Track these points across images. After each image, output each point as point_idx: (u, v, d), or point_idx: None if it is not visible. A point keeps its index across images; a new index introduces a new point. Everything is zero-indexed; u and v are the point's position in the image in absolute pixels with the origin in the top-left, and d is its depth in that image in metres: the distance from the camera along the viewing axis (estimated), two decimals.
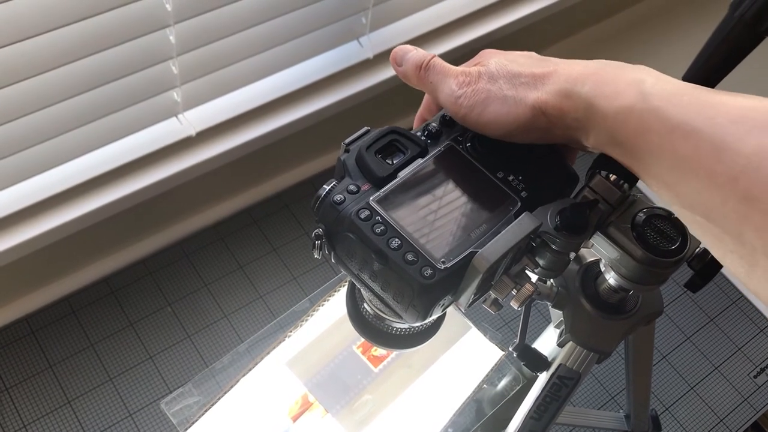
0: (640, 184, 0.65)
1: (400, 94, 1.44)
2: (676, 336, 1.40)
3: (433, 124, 0.66)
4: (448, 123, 0.66)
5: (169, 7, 1.01)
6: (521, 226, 0.57)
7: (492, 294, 0.60)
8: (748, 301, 1.45)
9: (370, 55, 1.33)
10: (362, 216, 0.59)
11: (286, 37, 1.20)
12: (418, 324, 0.65)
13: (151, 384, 1.23)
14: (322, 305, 0.90)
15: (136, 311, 1.30)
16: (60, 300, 1.29)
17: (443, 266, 0.58)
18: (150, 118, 1.15)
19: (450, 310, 0.84)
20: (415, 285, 0.57)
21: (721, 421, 1.31)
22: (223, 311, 1.32)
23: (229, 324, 1.31)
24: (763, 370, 1.37)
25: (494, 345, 0.89)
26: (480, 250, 0.56)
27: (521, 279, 0.60)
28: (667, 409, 1.32)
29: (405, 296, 0.58)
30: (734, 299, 1.45)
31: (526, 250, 0.60)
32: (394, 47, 0.62)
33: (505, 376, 0.92)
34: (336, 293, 0.91)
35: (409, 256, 0.58)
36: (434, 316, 0.61)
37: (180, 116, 1.19)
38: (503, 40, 1.52)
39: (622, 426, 1.18)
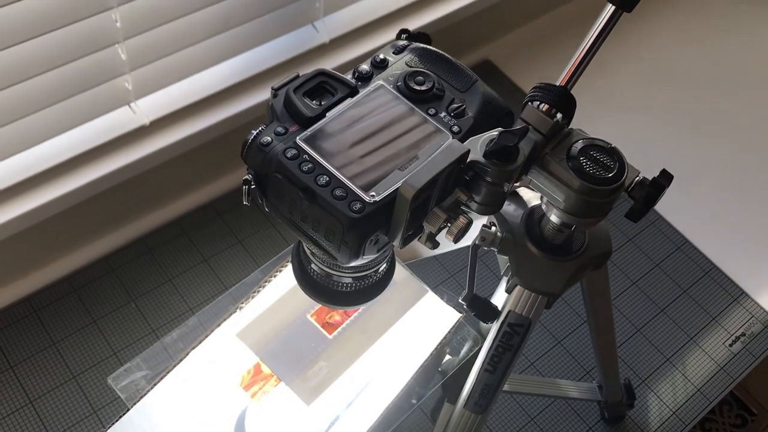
0: (576, 120, 0.64)
1: None
2: (649, 309, 1.38)
3: (364, 66, 0.65)
4: (379, 65, 0.66)
5: None
6: (448, 152, 0.56)
7: (426, 228, 0.58)
8: (721, 271, 1.44)
9: (326, 39, 1.32)
10: (289, 155, 0.58)
11: (237, 20, 1.19)
12: (355, 264, 0.63)
13: None
14: (275, 276, 0.88)
15: (99, 308, 1.27)
16: (20, 300, 1.26)
17: (373, 200, 0.56)
18: (100, 107, 1.14)
19: (405, 275, 0.82)
20: (345, 220, 0.56)
21: (699, 390, 1.30)
22: (188, 305, 1.30)
23: (198, 321, 1.28)
24: (738, 338, 1.36)
25: (451, 308, 0.88)
26: (406, 178, 0.55)
27: (455, 212, 0.58)
28: (643, 381, 1.30)
29: (336, 233, 0.57)
30: (707, 270, 1.44)
31: (458, 181, 0.59)
32: (351, 31, 0.62)
33: (467, 342, 0.91)
34: (288, 264, 0.89)
35: (338, 192, 0.56)
36: (369, 256, 0.60)
37: (132, 105, 1.18)
38: (469, 20, 1.51)
39: (595, 396, 1.17)
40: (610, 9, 0.59)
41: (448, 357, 0.93)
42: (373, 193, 0.56)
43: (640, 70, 1.76)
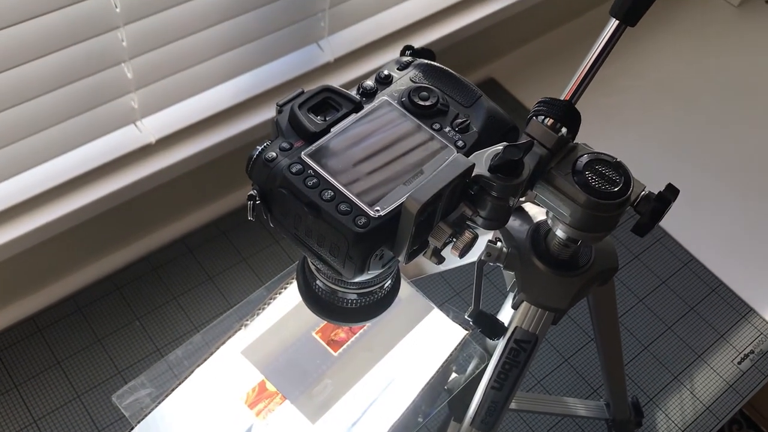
0: (581, 136, 0.64)
1: None
2: (656, 326, 1.37)
3: (369, 82, 0.65)
4: (383, 81, 0.66)
5: (117, 8, 1.01)
6: (453, 166, 0.55)
7: (431, 243, 0.58)
8: (728, 288, 1.43)
9: (330, 58, 1.33)
10: (294, 170, 0.58)
11: (242, 39, 1.20)
12: (360, 280, 0.63)
13: None
14: (280, 293, 0.88)
15: (104, 327, 1.27)
16: (25, 319, 1.26)
17: (377, 214, 0.56)
18: (106, 126, 1.14)
19: (410, 292, 0.81)
20: (349, 234, 0.56)
21: (708, 408, 1.28)
22: (193, 323, 1.29)
23: (203, 339, 1.28)
24: (747, 356, 1.35)
25: (457, 325, 0.87)
26: (411, 192, 0.54)
27: (460, 227, 0.58)
28: (651, 399, 1.29)
29: (341, 248, 0.57)
30: (713, 287, 1.43)
31: (463, 195, 0.58)
32: (355, 50, 0.62)
33: (474, 359, 0.90)
34: (293, 281, 0.88)
35: (343, 207, 0.56)
36: (374, 271, 0.59)
37: (138, 123, 1.18)
38: (472, 39, 1.52)
39: (603, 414, 1.15)
40: (613, 23, 0.59)
41: (454, 375, 0.92)
42: (378, 208, 0.56)
43: (644, 86, 1.76)
